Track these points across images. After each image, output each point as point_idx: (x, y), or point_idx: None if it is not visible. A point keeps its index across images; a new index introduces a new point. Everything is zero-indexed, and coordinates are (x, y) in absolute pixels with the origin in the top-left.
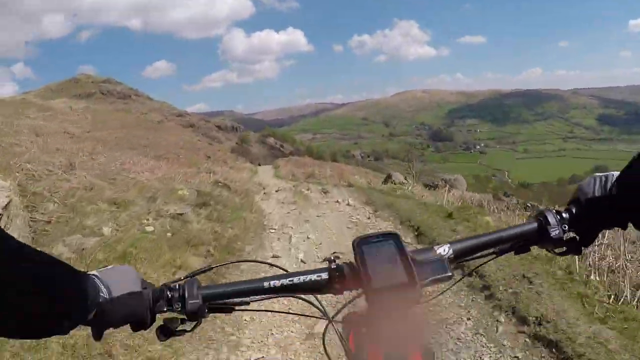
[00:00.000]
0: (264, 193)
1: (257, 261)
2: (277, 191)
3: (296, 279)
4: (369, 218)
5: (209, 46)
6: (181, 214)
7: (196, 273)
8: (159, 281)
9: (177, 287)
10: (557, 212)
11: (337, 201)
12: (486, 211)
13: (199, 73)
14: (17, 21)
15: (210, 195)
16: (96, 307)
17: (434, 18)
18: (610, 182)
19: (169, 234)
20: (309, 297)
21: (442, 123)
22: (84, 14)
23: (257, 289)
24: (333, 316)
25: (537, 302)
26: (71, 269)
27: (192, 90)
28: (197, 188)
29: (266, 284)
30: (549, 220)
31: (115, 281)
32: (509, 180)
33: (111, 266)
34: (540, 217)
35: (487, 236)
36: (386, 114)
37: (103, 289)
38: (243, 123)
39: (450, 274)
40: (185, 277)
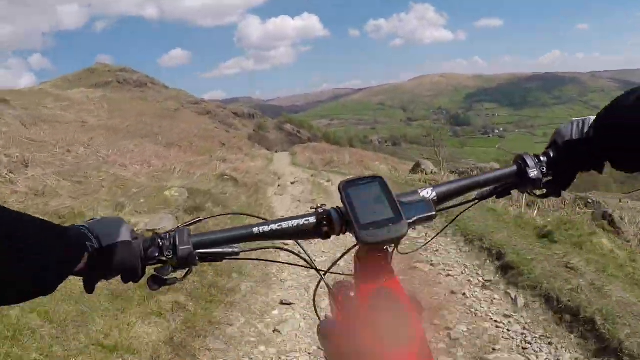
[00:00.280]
0: (279, 186)
1: (251, 215)
2: (294, 183)
3: (284, 224)
4: (414, 229)
5: (225, 33)
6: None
7: (185, 225)
8: None
9: (168, 236)
10: (536, 156)
11: None
12: (598, 231)
13: (215, 60)
14: (33, 12)
15: (208, 194)
16: (86, 258)
17: (450, 1)
18: (587, 126)
19: None
20: (301, 253)
21: (460, 107)
22: (99, 4)
23: (247, 235)
24: (326, 271)
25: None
26: (52, 224)
27: (209, 77)
28: (193, 185)
29: (255, 230)
30: (528, 162)
31: (104, 231)
32: None
33: (99, 217)
34: (519, 161)
35: (469, 180)
36: (403, 99)
37: (92, 239)
38: (260, 109)
39: (434, 213)
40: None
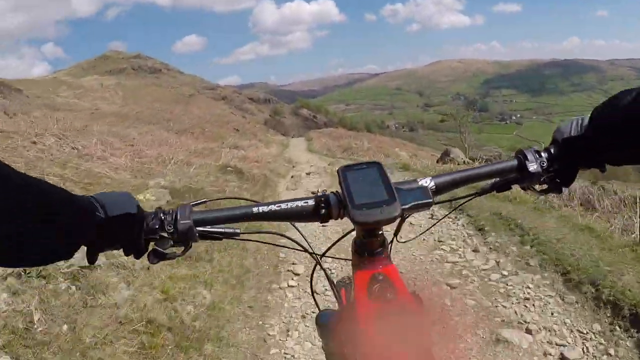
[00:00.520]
0: (292, 177)
1: (249, 200)
2: (309, 174)
3: (284, 205)
4: (478, 251)
5: (240, 19)
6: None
7: (188, 203)
8: None
9: (170, 212)
10: (537, 151)
11: None
12: None
13: (230, 46)
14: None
15: (200, 193)
16: (94, 226)
17: None
18: (585, 124)
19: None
20: (300, 240)
21: (477, 93)
22: None
23: (246, 215)
24: (322, 255)
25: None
26: (67, 192)
27: (224, 63)
28: (186, 182)
29: (255, 210)
30: (528, 157)
31: (112, 203)
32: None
33: (110, 190)
34: (519, 155)
35: (468, 171)
36: (420, 84)
37: (100, 209)
38: (276, 94)
39: (430, 201)
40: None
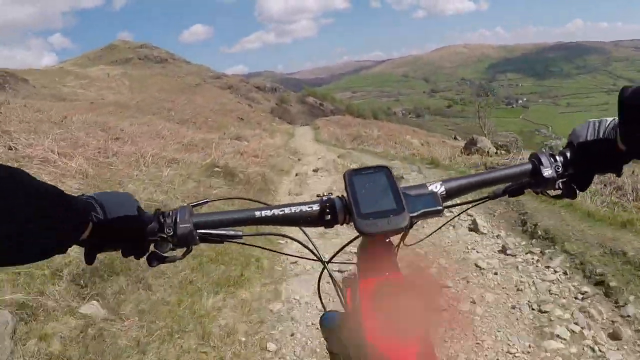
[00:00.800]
0: (296, 175)
1: (258, 201)
2: (316, 171)
3: (287, 210)
4: (620, 339)
5: (245, 7)
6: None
7: (189, 204)
8: None
9: (170, 214)
10: (551, 155)
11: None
12: None
13: (236, 35)
14: None
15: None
16: (90, 228)
17: None
18: (603, 127)
19: None
20: (306, 243)
21: (483, 78)
22: None
23: (249, 218)
24: (328, 260)
25: None
26: (60, 191)
27: (231, 53)
28: (147, 194)
29: (257, 214)
30: (542, 161)
31: (111, 204)
32: (553, 135)
33: (109, 191)
34: (533, 159)
35: (480, 176)
36: (426, 70)
37: (98, 210)
38: (282, 83)
39: (440, 208)
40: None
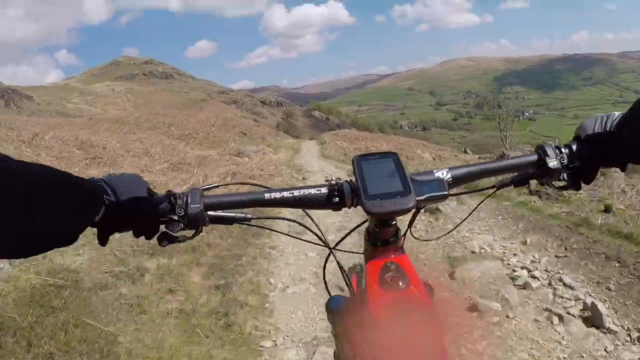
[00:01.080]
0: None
1: (262, 186)
2: None
3: (296, 192)
4: None
5: (250, 23)
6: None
7: (198, 188)
8: None
9: (181, 195)
10: (557, 147)
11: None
12: None
13: (242, 50)
14: (58, 8)
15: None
16: (103, 209)
17: None
18: (610, 122)
19: None
20: (313, 228)
21: (489, 90)
22: None
23: (258, 200)
24: (334, 246)
25: None
26: (73, 176)
27: (236, 68)
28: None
29: (267, 196)
30: (548, 152)
31: (122, 186)
32: None
33: (120, 173)
34: (539, 150)
35: (486, 164)
36: (432, 84)
37: (109, 192)
38: (288, 97)
39: (446, 193)
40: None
